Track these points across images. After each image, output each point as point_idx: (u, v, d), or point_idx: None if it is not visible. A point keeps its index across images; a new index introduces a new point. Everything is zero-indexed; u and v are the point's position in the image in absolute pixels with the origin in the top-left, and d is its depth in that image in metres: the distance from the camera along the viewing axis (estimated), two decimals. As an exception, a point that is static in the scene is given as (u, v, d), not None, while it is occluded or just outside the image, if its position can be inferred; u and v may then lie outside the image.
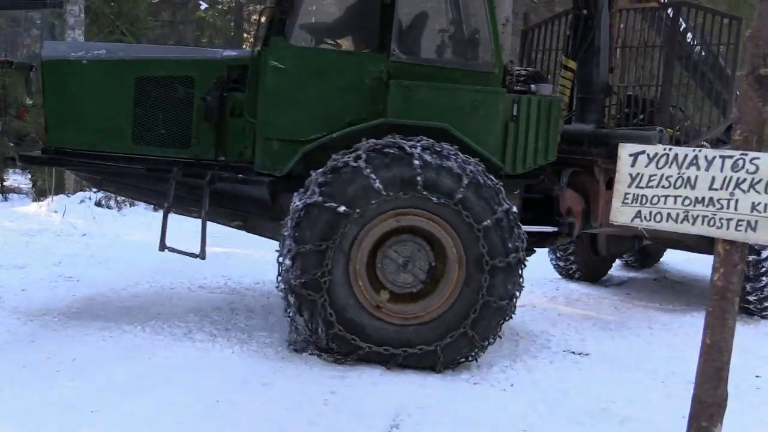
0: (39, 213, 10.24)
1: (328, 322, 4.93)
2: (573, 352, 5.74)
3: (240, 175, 5.62)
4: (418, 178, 4.83)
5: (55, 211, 10.16)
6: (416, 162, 4.83)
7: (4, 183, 13.45)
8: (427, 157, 4.86)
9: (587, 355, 5.69)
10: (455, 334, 4.97)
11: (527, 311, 6.91)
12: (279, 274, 5.13)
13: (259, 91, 5.43)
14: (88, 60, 5.57)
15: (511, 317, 5.13)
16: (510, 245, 4.94)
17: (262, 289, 7.41)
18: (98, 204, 10.72)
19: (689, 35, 7.08)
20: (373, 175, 4.83)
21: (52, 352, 5.14)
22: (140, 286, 7.30)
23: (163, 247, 5.65)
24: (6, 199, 12.48)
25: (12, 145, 13.04)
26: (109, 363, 4.95)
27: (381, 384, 4.75)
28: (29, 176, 12.95)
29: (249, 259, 9.02)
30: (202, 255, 5.61)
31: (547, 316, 6.76)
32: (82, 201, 10.58)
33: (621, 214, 3.31)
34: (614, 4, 6.95)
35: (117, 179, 6.04)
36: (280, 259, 5.12)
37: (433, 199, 4.88)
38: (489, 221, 4.88)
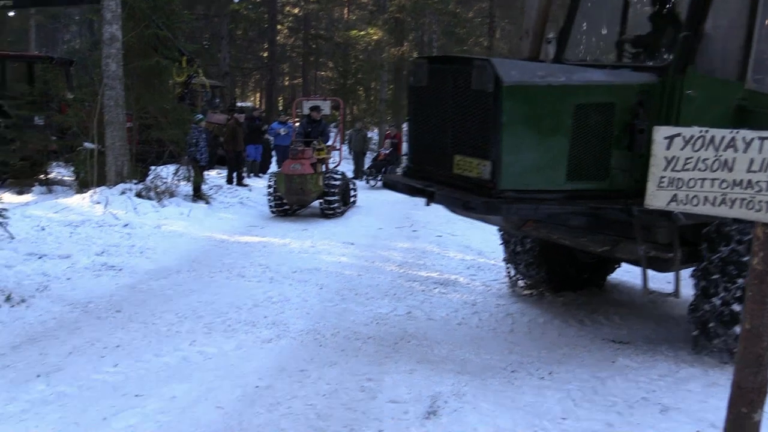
0: (82, 204, 10.44)
1: None
2: (613, 341, 5.68)
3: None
4: None
5: (98, 203, 10.36)
6: None
7: (49, 176, 13.74)
8: None
9: (627, 344, 5.63)
10: None
11: (566, 299, 6.86)
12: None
13: (669, 120, 4.82)
14: (542, 85, 4.71)
15: None
16: None
17: (299, 277, 7.48)
18: (139, 195, 10.90)
19: None
20: None
21: (96, 338, 5.29)
22: (180, 275, 7.43)
23: (646, 292, 5.32)
24: (50, 191, 12.74)
25: (54, 138, 13.34)
26: (150, 349, 5.07)
27: (418, 371, 4.77)
28: (72, 168, 13.20)
29: (286, 248, 9.12)
30: (676, 294, 5.31)
31: (588, 304, 6.69)
32: (123, 192, 10.76)
33: (656, 198, 3.26)
34: None
35: (551, 220, 5.32)
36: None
37: None
38: None
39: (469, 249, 9.59)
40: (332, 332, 5.65)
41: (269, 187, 12.11)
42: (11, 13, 19.89)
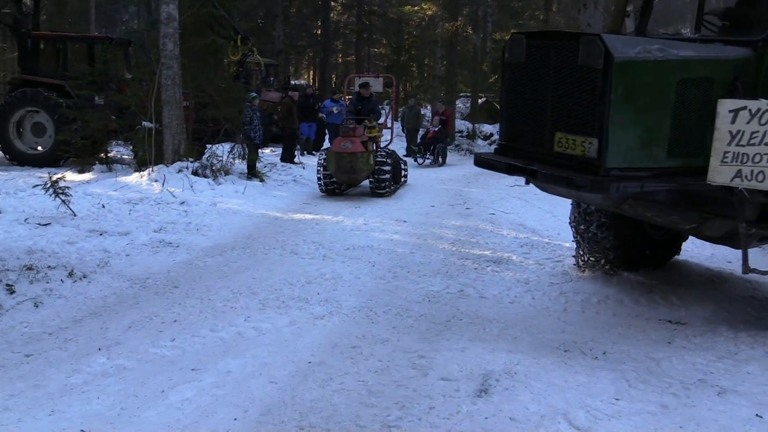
0: (140, 182, 10.70)
1: None
2: (669, 321, 5.55)
3: None
4: None
5: (156, 181, 10.59)
6: None
7: (108, 154, 14.10)
8: None
9: (684, 324, 5.49)
10: None
11: (621, 278, 6.73)
12: None
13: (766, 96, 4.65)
14: (651, 60, 4.58)
15: None
16: None
17: (351, 254, 7.52)
18: (195, 173, 11.10)
19: None
20: None
21: (154, 313, 5.43)
22: (235, 252, 7.56)
23: (747, 270, 5.15)
24: (110, 169, 13.07)
25: (114, 117, 13.65)
26: (206, 324, 5.18)
27: (469, 349, 4.75)
28: (131, 147, 13.50)
29: (339, 225, 9.18)
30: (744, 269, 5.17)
31: (643, 284, 6.54)
32: (180, 170, 10.97)
33: (719, 174, 3.15)
34: None
35: (651, 197, 5.24)
36: None
37: None
38: None
39: (522, 227, 9.48)
40: (384, 309, 5.67)
41: (319, 165, 12.09)
42: (72, -5, 20.39)
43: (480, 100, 30.82)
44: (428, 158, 18.91)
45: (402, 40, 30.81)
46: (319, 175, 12.07)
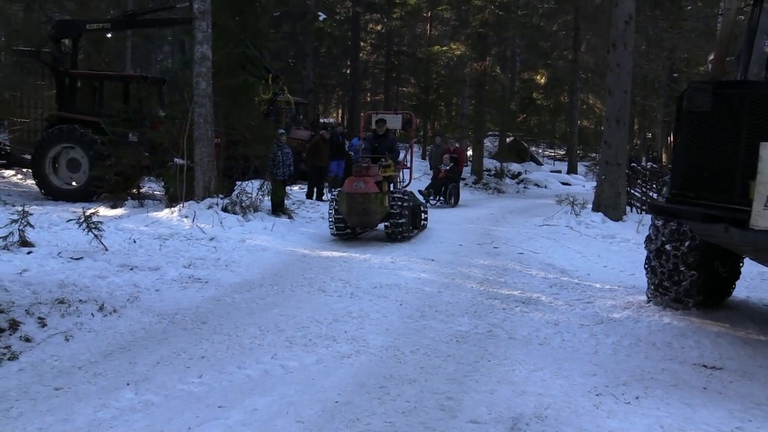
0: (171, 218, 10.83)
1: None
2: (704, 366, 5.42)
3: None
4: None
5: (186, 217, 10.72)
6: None
7: (141, 190, 14.33)
8: None
9: (719, 369, 5.36)
10: None
11: (653, 320, 6.61)
12: None
13: None
14: None
15: None
16: None
17: (378, 293, 7.49)
18: (224, 209, 11.22)
19: None
20: None
21: (182, 349, 5.45)
22: (263, 288, 7.58)
23: None
24: (142, 205, 13.27)
25: (147, 154, 13.90)
26: (233, 361, 5.17)
27: (498, 391, 4.68)
28: (162, 183, 13.71)
29: (366, 263, 9.17)
30: None
31: (677, 327, 6.42)
32: (210, 207, 11.09)
33: (763, 218, 3.09)
34: None
35: None
36: None
37: None
38: None
39: (551, 267, 9.40)
40: (412, 349, 5.62)
41: (331, 206, 11.26)
42: (109, 35, 20.94)
43: (508, 139, 30.90)
44: (440, 200, 18.16)
45: (430, 79, 31.12)
46: (330, 218, 11.24)
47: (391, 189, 11.48)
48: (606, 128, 14.63)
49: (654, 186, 17.14)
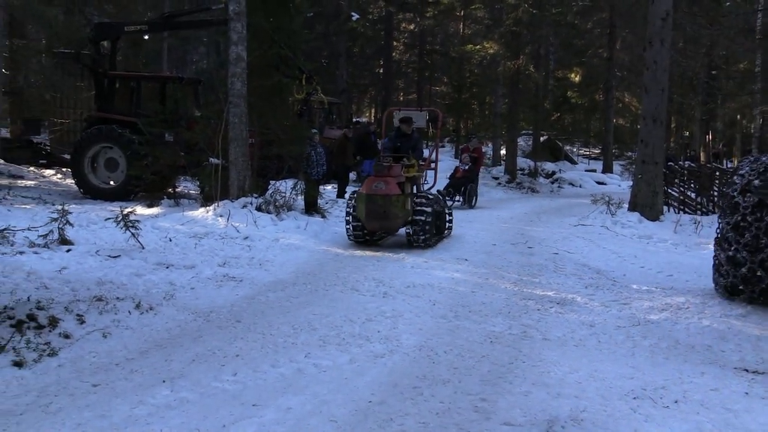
0: (206, 217, 10.94)
1: None
2: (745, 370, 5.30)
3: None
4: None
5: (221, 216, 10.82)
6: None
7: (176, 189, 14.50)
8: None
9: (762, 373, 5.23)
10: None
11: (692, 323, 6.48)
12: None
13: None
14: None
15: None
16: None
17: (412, 292, 7.47)
18: (259, 209, 11.30)
19: None
20: None
21: (217, 347, 5.49)
22: (296, 287, 7.61)
23: None
24: (177, 204, 13.42)
25: (182, 154, 14.07)
26: (267, 359, 5.20)
27: (533, 393, 4.63)
28: (198, 183, 13.86)
29: (399, 263, 9.15)
30: None
31: (716, 330, 6.29)
32: (244, 206, 11.18)
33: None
34: None
35: None
36: None
37: None
38: None
39: (586, 267, 9.28)
40: (445, 349, 5.59)
41: (349, 208, 10.40)
42: (146, 37, 21.25)
43: (542, 138, 30.60)
44: (457, 201, 17.44)
45: (463, 78, 30.98)
46: (348, 225, 10.41)
47: (414, 191, 10.77)
48: (642, 127, 14.41)
49: (692, 185, 16.82)
